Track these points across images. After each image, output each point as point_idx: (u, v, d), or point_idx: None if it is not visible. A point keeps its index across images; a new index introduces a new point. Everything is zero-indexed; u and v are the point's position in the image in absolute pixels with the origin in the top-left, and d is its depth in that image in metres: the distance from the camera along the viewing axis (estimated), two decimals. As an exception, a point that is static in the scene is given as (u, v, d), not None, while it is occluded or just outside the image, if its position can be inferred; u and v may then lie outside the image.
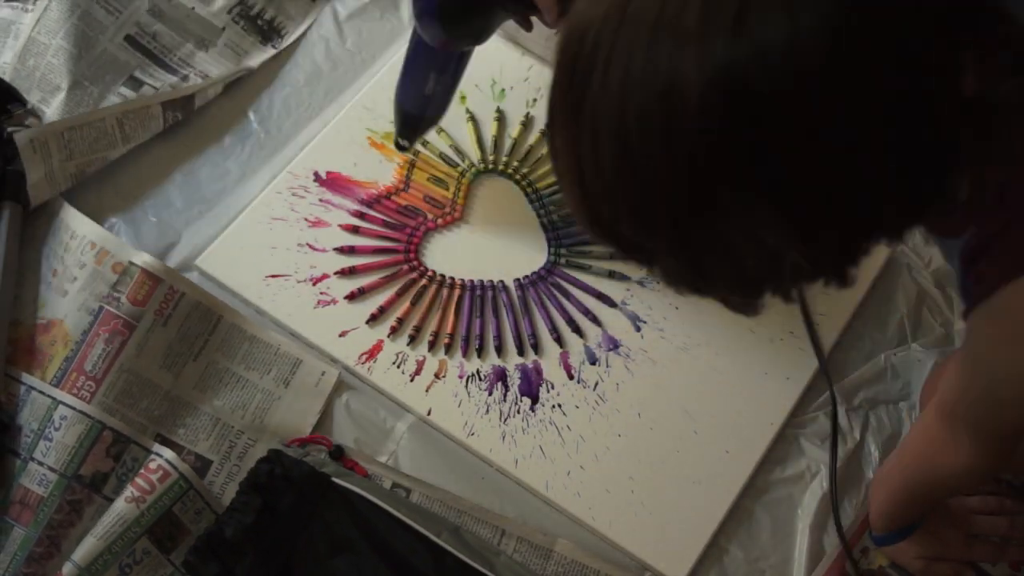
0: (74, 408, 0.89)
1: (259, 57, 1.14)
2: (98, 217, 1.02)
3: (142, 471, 0.87)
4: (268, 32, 1.16)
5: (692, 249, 0.52)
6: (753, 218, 0.49)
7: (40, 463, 0.87)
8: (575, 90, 0.50)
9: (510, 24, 1.21)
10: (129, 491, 0.86)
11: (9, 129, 0.99)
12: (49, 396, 0.90)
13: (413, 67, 0.95)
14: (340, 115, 1.12)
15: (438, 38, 0.89)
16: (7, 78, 1.07)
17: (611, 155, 0.49)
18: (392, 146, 1.05)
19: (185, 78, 1.10)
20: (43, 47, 1.09)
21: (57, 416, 0.89)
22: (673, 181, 0.48)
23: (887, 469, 0.88)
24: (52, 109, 1.05)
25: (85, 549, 0.83)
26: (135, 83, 1.09)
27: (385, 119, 1.11)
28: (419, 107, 0.97)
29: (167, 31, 1.13)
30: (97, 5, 1.11)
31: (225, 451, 0.93)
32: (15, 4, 1.14)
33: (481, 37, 0.91)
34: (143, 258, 0.96)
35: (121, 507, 0.85)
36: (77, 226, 1.00)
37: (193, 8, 1.15)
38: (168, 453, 0.88)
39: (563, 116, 0.51)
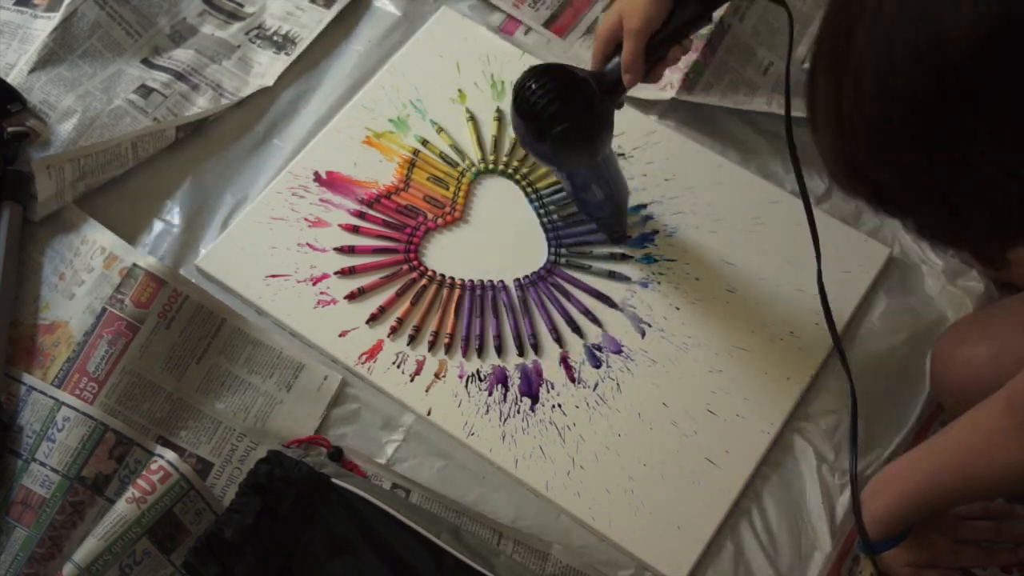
0: (77, 409, 0.89)
1: (273, 69, 1.14)
2: (100, 219, 1.02)
3: (143, 472, 0.87)
4: (282, 43, 1.17)
5: (948, 189, 0.53)
6: (1011, 153, 0.50)
7: (42, 464, 0.87)
8: (840, 38, 0.52)
9: (508, 21, 1.21)
10: (130, 491, 0.86)
11: (33, 158, 1.00)
12: (51, 397, 0.90)
13: (573, 189, 0.97)
14: (340, 114, 1.12)
15: (557, 167, 0.90)
16: (16, 82, 1.07)
17: (874, 95, 0.51)
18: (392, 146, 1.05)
19: (196, 87, 1.11)
20: (58, 58, 1.09)
21: (60, 417, 0.89)
22: (933, 114, 0.50)
23: (897, 470, 0.86)
24: (57, 114, 1.05)
25: (86, 550, 0.83)
26: (145, 90, 1.09)
27: (384, 118, 1.11)
28: (603, 210, 0.99)
29: (184, 52, 1.14)
30: (119, 26, 1.12)
31: (227, 454, 0.93)
32: (23, 9, 1.14)
33: (598, 150, 0.89)
34: (148, 261, 0.96)
35: (122, 507, 0.85)
36: (89, 231, 1.01)
37: (212, 33, 1.16)
38: (170, 454, 0.88)
39: (826, 66, 0.54)
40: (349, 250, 1.03)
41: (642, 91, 1.09)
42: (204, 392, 0.95)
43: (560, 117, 0.83)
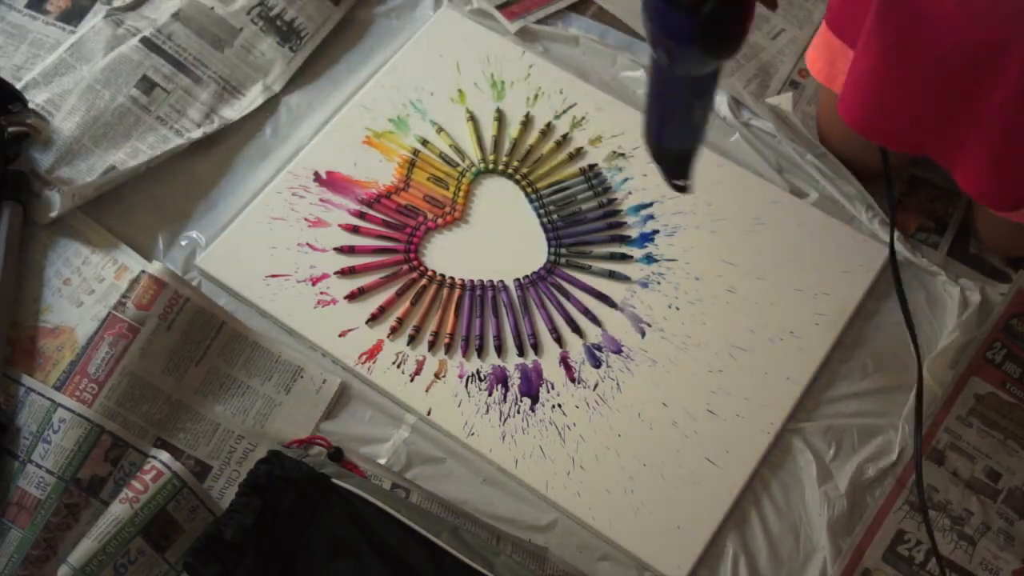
0: (73, 411, 0.89)
1: (277, 67, 1.13)
2: (103, 222, 1.03)
3: (137, 474, 0.87)
4: (287, 33, 1.15)
5: None
6: None
7: (38, 466, 0.87)
8: None
9: (508, 23, 1.20)
10: (124, 492, 0.86)
11: (60, 191, 1.01)
12: (48, 399, 0.90)
13: (672, 105, 0.84)
14: (340, 114, 1.12)
15: (699, 64, 0.78)
16: (20, 77, 1.07)
17: None
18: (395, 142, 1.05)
19: (199, 80, 1.10)
20: (70, 67, 1.09)
21: (56, 419, 0.89)
22: None
23: None
24: (61, 113, 1.05)
25: (80, 551, 0.83)
26: (147, 83, 1.09)
27: (384, 118, 1.11)
28: (691, 139, 0.88)
29: (183, 30, 1.13)
30: (133, 37, 1.11)
31: (225, 456, 0.93)
32: (36, 14, 1.15)
33: (740, 44, 0.78)
34: (155, 267, 0.96)
35: (115, 508, 0.85)
36: (100, 241, 1.01)
37: (213, 8, 1.14)
38: (164, 455, 0.88)
39: None
40: (349, 250, 1.03)
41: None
42: (203, 394, 0.95)
43: None
